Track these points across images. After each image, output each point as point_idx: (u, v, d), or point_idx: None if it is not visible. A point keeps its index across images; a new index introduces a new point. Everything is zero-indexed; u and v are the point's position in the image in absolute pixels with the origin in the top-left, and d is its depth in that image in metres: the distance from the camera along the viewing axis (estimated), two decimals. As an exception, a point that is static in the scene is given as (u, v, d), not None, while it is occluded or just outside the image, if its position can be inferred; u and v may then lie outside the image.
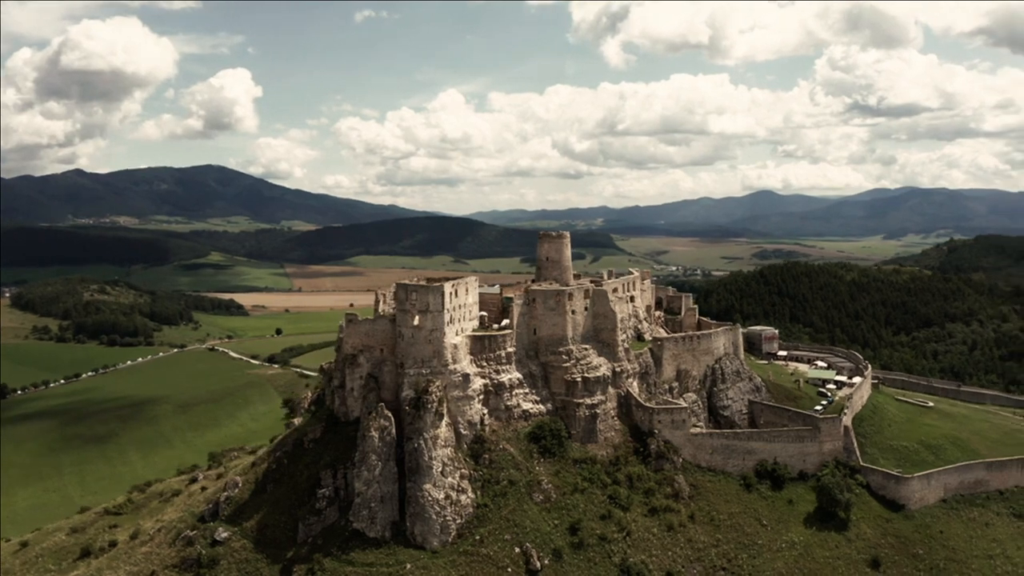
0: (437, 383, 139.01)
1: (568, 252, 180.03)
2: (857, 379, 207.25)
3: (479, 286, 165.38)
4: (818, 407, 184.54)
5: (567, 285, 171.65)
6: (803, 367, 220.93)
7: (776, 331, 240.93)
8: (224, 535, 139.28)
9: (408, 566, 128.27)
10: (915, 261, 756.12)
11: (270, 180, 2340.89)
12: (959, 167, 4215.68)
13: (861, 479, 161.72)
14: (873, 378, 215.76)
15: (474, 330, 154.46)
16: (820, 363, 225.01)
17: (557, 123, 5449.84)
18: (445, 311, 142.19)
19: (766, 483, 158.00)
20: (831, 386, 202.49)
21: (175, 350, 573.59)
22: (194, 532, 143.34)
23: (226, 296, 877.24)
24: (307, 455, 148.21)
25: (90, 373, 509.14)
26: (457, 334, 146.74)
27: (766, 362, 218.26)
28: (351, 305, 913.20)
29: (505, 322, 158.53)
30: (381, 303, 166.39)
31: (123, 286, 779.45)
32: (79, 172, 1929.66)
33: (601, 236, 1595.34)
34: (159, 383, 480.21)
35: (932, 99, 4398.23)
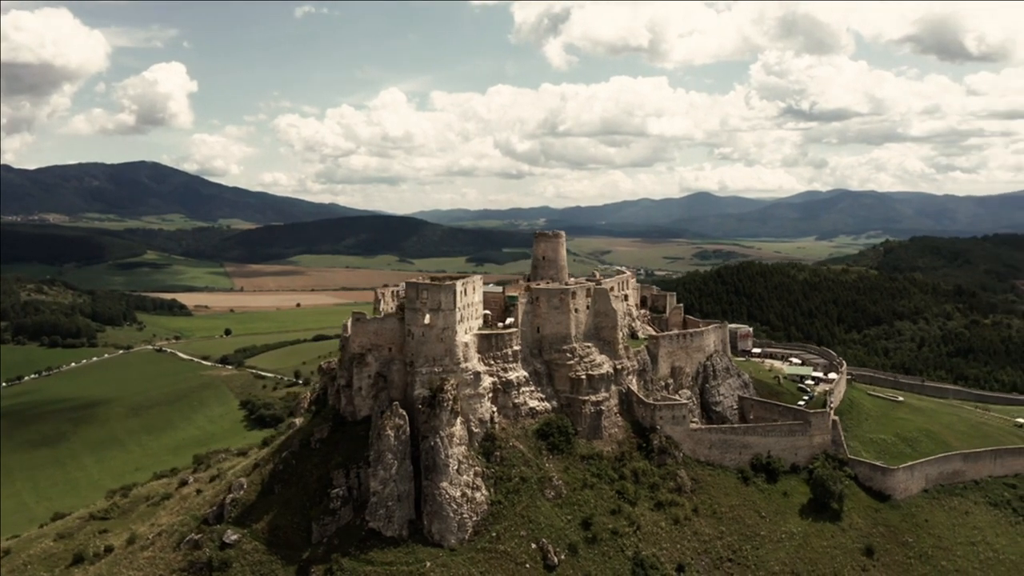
0: (452, 381, 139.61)
1: (564, 251, 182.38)
2: (833, 375, 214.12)
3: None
4: (800, 402, 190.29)
5: (563, 284, 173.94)
6: (779, 364, 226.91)
7: (751, 329, 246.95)
8: (233, 537, 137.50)
9: (428, 564, 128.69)
10: (853, 261, 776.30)
11: (206, 177, 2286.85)
12: (887, 170, 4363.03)
13: (849, 471, 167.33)
14: (847, 374, 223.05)
15: (479, 329, 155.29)
16: (795, 360, 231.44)
17: (499, 123, 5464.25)
18: (456, 309, 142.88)
19: (761, 476, 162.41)
20: (809, 382, 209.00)
21: (121, 351, 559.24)
22: (200, 535, 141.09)
23: (168, 296, 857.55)
24: (315, 455, 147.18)
25: (33, 375, 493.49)
26: (466, 332, 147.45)
27: (743, 359, 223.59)
28: (297, 305, 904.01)
29: (509, 320, 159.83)
30: (381, 302, 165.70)
31: (60, 285, 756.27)
32: (6, 168, 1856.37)
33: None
34: (107, 385, 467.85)
35: (862, 104, 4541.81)
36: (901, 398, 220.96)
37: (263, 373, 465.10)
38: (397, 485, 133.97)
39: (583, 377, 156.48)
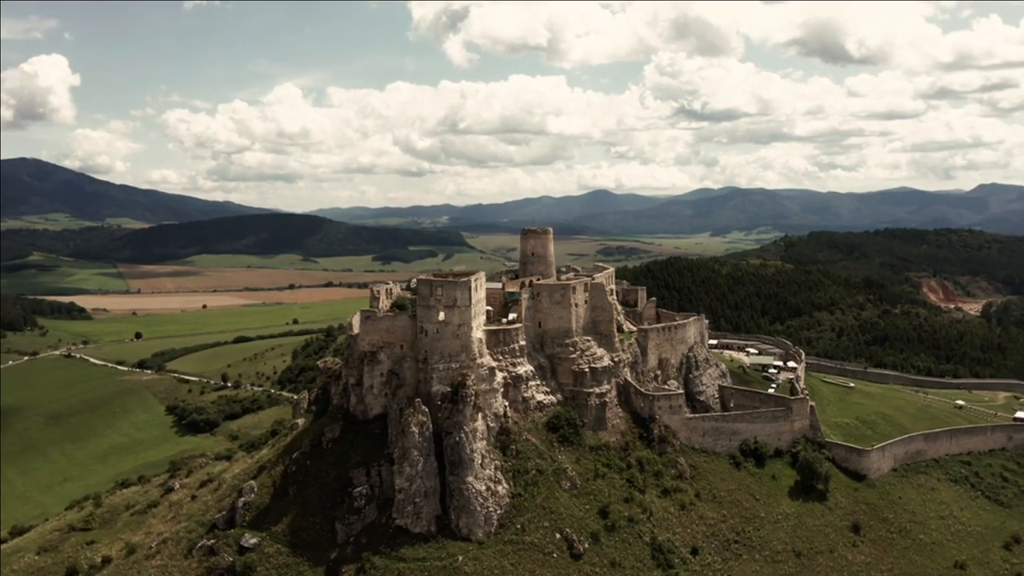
0: (472, 377, 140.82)
1: (552, 247, 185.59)
2: (792, 364, 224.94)
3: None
4: (769, 390, 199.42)
5: (551, 279, 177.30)
6: (737, 354, 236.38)
7: (707, 321, 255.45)
8: (252, 541, 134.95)
9: (460, 558, 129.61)
10: (756, 255, 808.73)
11: (90, 175, 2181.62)
12: (773, 169, 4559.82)
13: (827, 453, 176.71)
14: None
15: (484, 324, 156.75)
16: (751, 350, 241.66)
17: (398, 120, 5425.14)
18: (472, 306, 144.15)
19: (751, 461, 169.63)
20: (772, 371, 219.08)
21: (26, 357, 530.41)
22: (213, 541, 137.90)
23: (65, 299, 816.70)
24: (329, 455, 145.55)
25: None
26: (477, 328, 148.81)
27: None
28: (204, 307, 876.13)
29: (512, 316, 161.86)
30: (382, 299, 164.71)
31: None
32: None
33: (452, 234, 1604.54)
34: (19, 393, 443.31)
35: (750, 105, 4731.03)
36: (852, 384, 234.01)
37: (186, 377, 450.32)
38: (424, 481, 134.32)
39: (586, 370, 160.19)
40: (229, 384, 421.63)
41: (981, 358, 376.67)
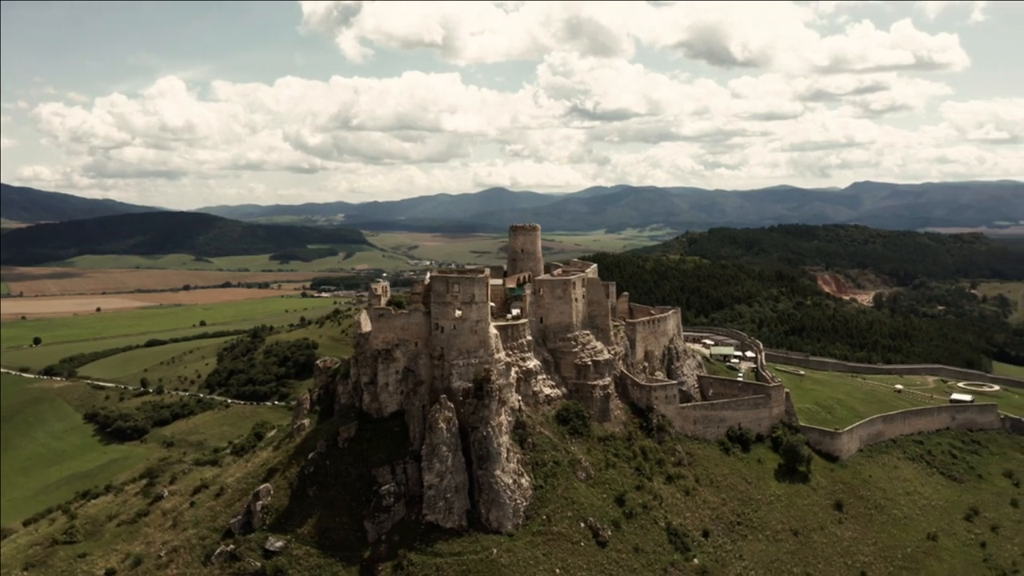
0: (494, 372, 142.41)
1: (540, 244, 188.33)
2: (750, 353, 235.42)
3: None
4: (736, 379, 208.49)
5: (541, 275, 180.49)
6: (694, 346, 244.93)
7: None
8: (278, 544, 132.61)
9: (494, 551, 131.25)
10: (661, 251, 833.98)
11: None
12: (662, 167, 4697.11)
13: (803, 437, 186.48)
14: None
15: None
16: (708, 341, 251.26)
17: (289, 115, 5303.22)
18: (488, 301, 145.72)
19: (737, 446, 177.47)
20: (734, 360, 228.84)
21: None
22: (233, 547, 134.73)
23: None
24: (347, 455, 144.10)
25: None
26: (491, 324, 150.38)
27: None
28: (98, 310, 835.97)
29: (515, 311, 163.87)
30: (383, 297, 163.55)
31: None
32: None
33: (351, 232, 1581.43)
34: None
35: (640, 105, 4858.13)
36: (803, 372, 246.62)
37: (101, 383, 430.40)
38: (453, 476, 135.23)
39: (589, 363, 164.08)
40: (151, 389, 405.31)
41: (891, 345, 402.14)
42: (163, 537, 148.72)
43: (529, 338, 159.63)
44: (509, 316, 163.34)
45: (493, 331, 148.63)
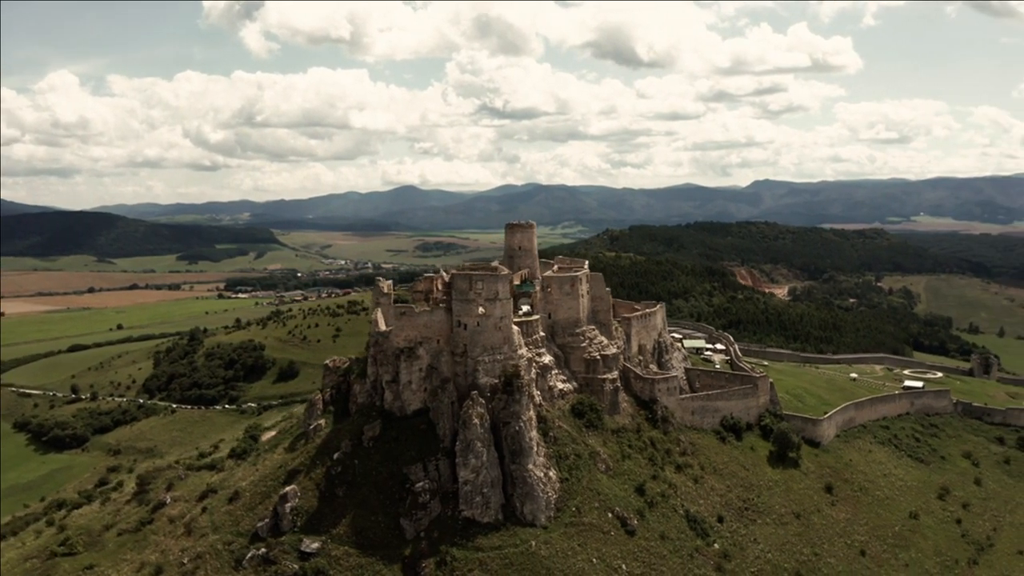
0: (523, 367, 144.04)
1: (535, 241, 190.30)
2: (720, 346, 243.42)
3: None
4: (723, 371, 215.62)
5: (537, 273, 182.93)
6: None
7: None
8: (315, 546, 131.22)
9: (532, 543, 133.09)
10: (584, 247, 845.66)
11: None
12: (570, 166, 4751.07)
13: (788, 424, 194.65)
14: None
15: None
16: (675, 335, 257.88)
17: (189, 111, 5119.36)
18: (511, 299, 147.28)
19: (732, 435, 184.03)
20: (708, 352, 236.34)
21: None
22: (266, 551, 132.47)
23: None
24: (375, 453, 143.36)
25: None
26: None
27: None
28: (1, 315, 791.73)
29: (525, 308, 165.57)
30: (391, 295, 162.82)
31: None
32: None
33: (260, 231, 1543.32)
34: None
35: (549, 104, 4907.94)
36: (766, 363, 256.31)
37: (27, 391, 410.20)
38: (488, 471, 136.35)
39: (597, 358, 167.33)
40: (84, 396, 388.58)
41: (822, 336, 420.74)
42: (180, 544, 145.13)
43: (542, 334, 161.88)
44: (520, 312, 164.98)
45: (515, 328, 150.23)
